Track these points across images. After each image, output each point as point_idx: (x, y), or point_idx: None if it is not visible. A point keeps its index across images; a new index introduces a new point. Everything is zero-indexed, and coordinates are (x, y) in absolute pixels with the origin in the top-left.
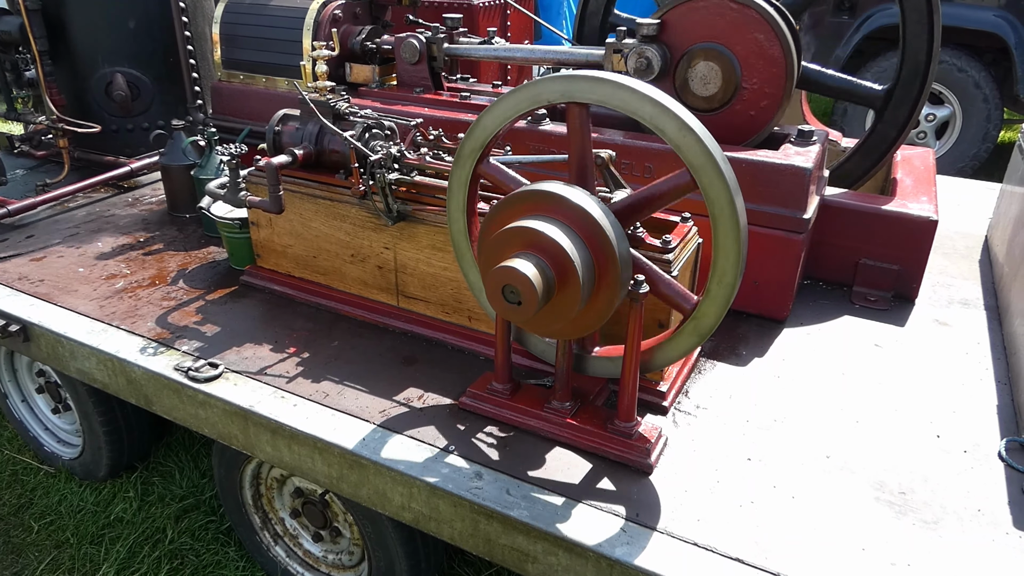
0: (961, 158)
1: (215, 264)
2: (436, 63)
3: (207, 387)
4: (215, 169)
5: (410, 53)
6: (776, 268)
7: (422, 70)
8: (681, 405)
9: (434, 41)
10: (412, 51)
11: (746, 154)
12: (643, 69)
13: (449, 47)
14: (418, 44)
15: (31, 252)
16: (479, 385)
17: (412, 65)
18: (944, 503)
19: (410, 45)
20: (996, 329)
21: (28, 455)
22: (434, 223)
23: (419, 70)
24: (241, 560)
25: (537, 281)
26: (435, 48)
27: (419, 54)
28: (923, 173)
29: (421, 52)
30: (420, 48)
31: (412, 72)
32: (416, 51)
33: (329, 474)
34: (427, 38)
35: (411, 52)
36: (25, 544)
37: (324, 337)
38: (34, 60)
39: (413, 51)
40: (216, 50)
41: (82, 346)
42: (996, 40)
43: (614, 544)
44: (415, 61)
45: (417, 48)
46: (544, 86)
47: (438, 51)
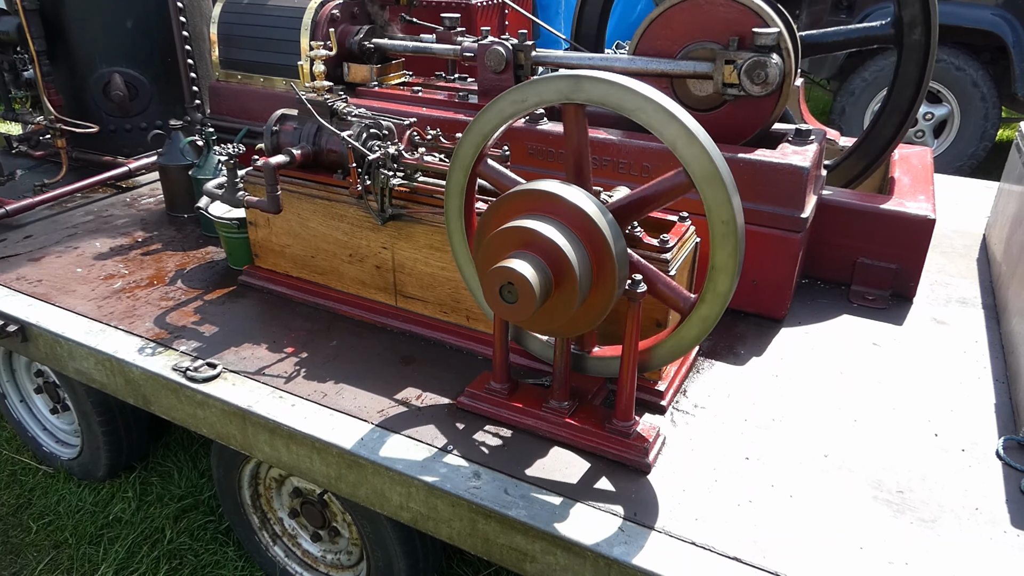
0: (959, 157)
1: (213, 264)
2: (522, 72)
3: (205, 387)
4: (213, 169)
5: (496, 61)
6: (774, 267)
7: (507, 79)
8: (679, 404)
9: (521, 48)
10: (498, 59)
11: (744, 153)
12: (761, 82)
13: (537, 55)
14: (505, 52)
15: (29, 252)
16: (477, 385)
17: (496, 74)
18: (942, 502)
19: (496, 53)
20: (994, 327)
21: (27, 455)
22: (432, 223)
23: (504, 79)
24: (240, 560)
25: (534, 280)
26: (522, 56)
27: (505, 62)
28: (921, 172)
29: (508, 60)
30: (507, 56)
31: (495, 81)
32: (503, 59)
33: (327, 474)
34: (514, 46)
35: (497, 60)
36: (24, 544)
37: (322, 337)
38: (32, 60)
39: (499, 59)
40: (214, 50)
41: (80, 346)
42: (994, 39)
43: (612, 543)
44: (501, 70)
45: (504, 56)
46: (544, 86)
47: (525, 59)
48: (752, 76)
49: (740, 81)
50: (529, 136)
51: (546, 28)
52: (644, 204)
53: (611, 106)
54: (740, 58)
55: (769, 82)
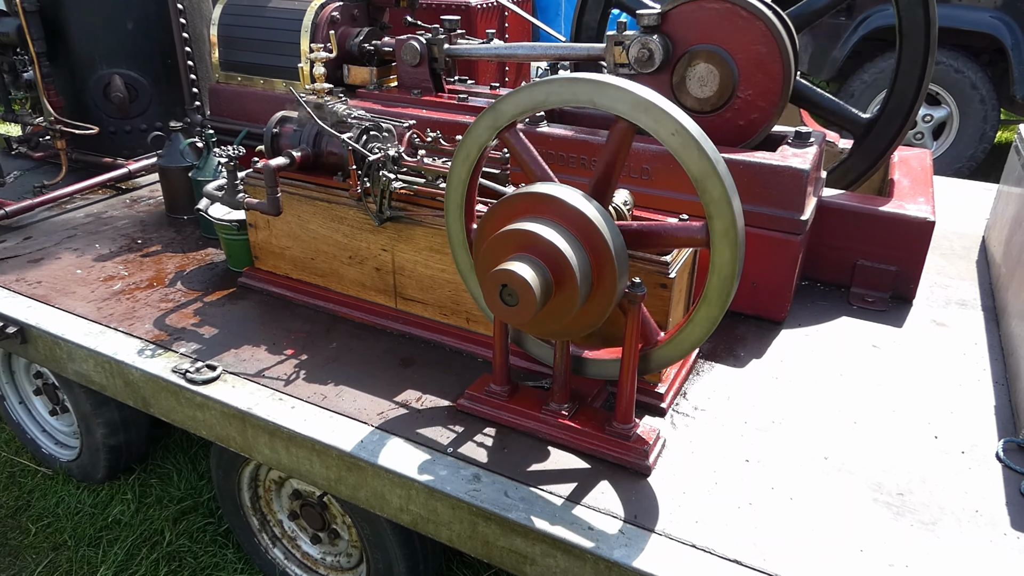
0: (958, 159)
1: (213, 266)
2: (437, 65)
3: (205, 389)
4: (213, 171)
5: (411, 55)
6: (774, 269)
7: (423, 72)
8: (679, 407)
9: (435, 43)
10: (413, 53)
11: (744, 156)
12: (644, 60)
13: (449, 48)
14: (419, 46)
15: (29, 254)
16: (477, 387)
17: (413, 67)
18: (942, 504)
19: (411, 47)
20: (993, 330)
21: (26, 457)
22: (432, 225)
23: (420, 72)
24: (239, 562)
25: (535, 283)
26: (436, 50)
27: (420, 56)
28: (920, 174)
29: (422, 54)
30: (421, 50)
31: (413, 74)
32: (417, 53)
33: (327, 476)
34: (427, 40)
35: (412, 54)
36: (23, 546)
37: (322, 339)
38: (32, 61)
39: (414, 53)
40: (214, 51)
41: (80, 348)
42: (993, 41)
43: (612, 546)
44: (416, 63)
45: (418, 50)
46: (549, 87)
47: (439, 52)
48: (639, 55)
49: (629, 61)
50: (529, 138)
51: (545, 30)
52: (654, 240)
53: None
54: (627, 39)
55: (653, 60)
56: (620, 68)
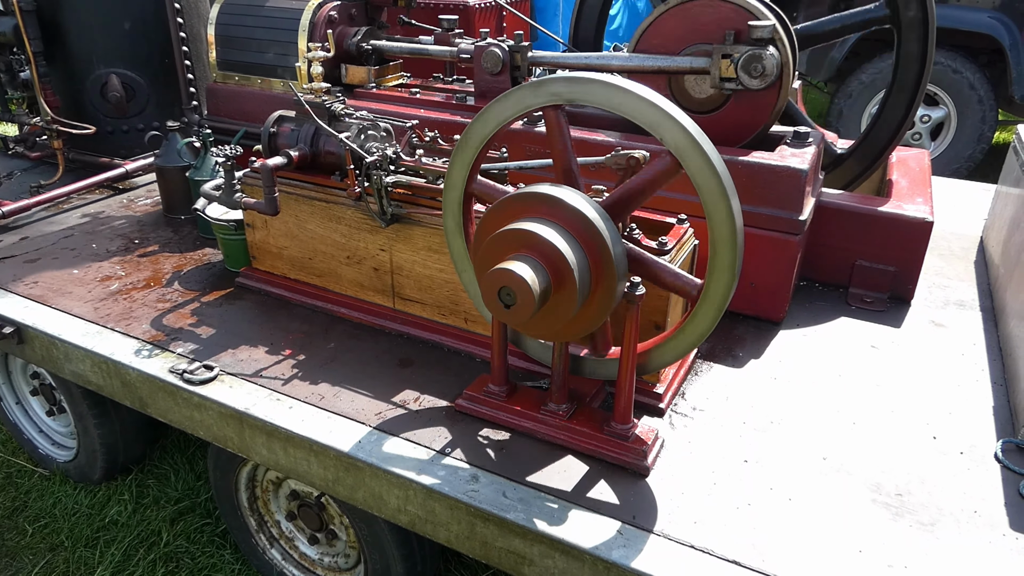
0: (956, 159)
1: (210, 266)
2: (519, 73)
3: (202, 389)
4: (210, 171)
5: (492, 63)
6: (772, 270)
7: (504, 81)
8: (678, 407)
9: (517, 50)
10: (495, 61)
11: (742, 155)
12: (759, 75)
13: (534, 55)
14: (501, 53)
15: (25, 254)
16: (475, 387)
17: (493, 76)
18: (941, 505)
19: (493, 54)
20: (992, 330)
21: (22, 457)
22: (430, 225)
23: (501, 81)
24: (237, 563)
25: (533, 283)
26: (519, 57)
27: (502, 64)
28: (918, 174)
29: (504, 62)
30: (504, 58)
31: (492, 83)
32: (499, 61)
33: (325, 477)
34: (510, 47)
35: (494, 62)
36: (19, 547)
37: (320, 339)
38: (28, 61)
39: (496, 61)
40: (211, 51)
41: (77, 348)
42: (991, 41)
43: (611, 547)
44: (497, 71)
45: (500, 57)
46: (546, 88)
47: (522, 60)
48: (749, 69)
49: (737, 75)
50: (527, 138)
51: (543, 31)
52: (636, 195)
53: (611, 108)
54: (736, 52)
55: (767, 74)
56: (725, 82)
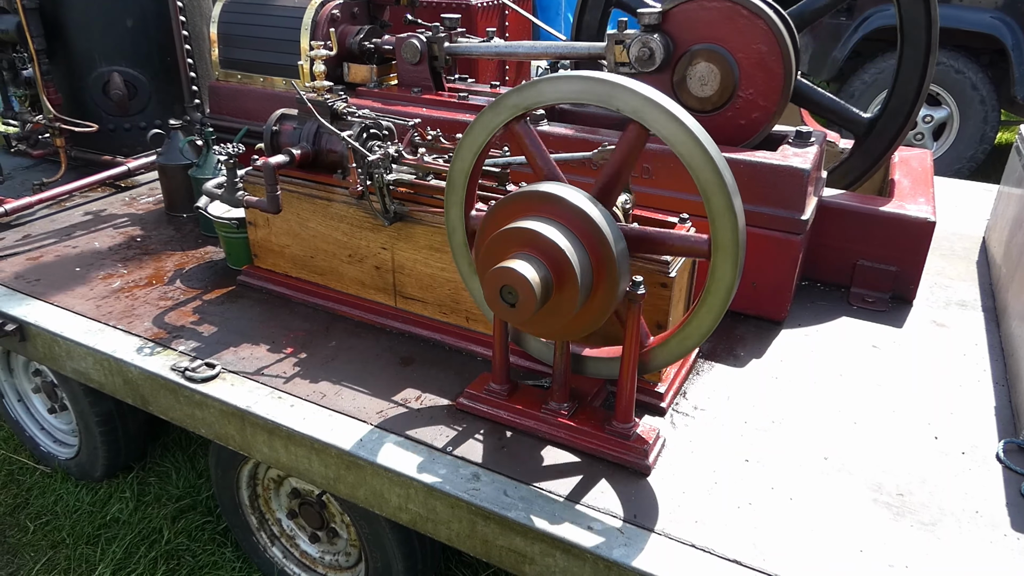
0: (958, 159)
1: (212, 264)
2: (437, 63)
3: (204, 387)
4: (212, 169)
5: (411, 53)
6: (774, 269)
7: (423, 70)
8: (679, 406)
9: (435, 41)
10: (413, 51)
11: (744, 155)
12: (645, 59)
13: (450, 46)
14: (419, 44)
15: (28, 251)
16: (477, 386)
17: (413, 65)
18: (942, 505)
19: (411, 45)
20: (994, 330)
21: (24, 455)
22: (432, 223)
23: (420, 70)
24: (238, 561)
25: (535, 282)
26: (436, 48)
27: (420, 54)
28: (921, 174)
29: (422, 52)
30: (421, 48)
31: (413, 72)
32: (417, 51)
33: (326, 475)
34: (428, 38)
35: (412, 52)
36: (21, 544)
37: (321, 337)
38: (31, 59)
39: (414, 51)
40: (214, 49)
41: (79, 346)
42: (993, 42)
43: (612, 545)
44: (416, 61)
45: (418, 48)
46: (552, 85)
47: (439, 51)
48: (639, 54)
49: (629, 60)
50: None
51: (545, 28)
52: (657, 247)
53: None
54: (627, 38)
55: (654, 58)
56: (621, 67)
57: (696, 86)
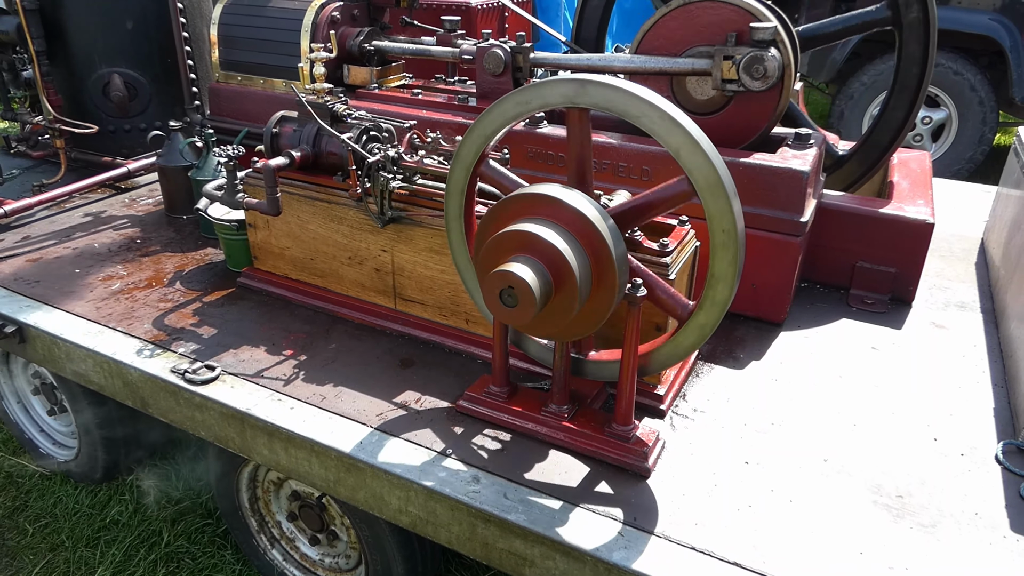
0: (957, 161)
1: (212, 266)
2: (520, 75)
3: (204, 390)
4: (212, 170)
5: (494, 64)
6: (773, 271)
7: (506, 82)
8: (679, 408)
9: (519, 51)
10: (496, 62)
11: (743, 157)
12: (760, 77)
13: (536, 56)
14: (503, 55)
15: (27, 253)
16: (476, 388)
17: (495, 76)
18: (941, 506)
19: (495, 56)
20: (992, 332)
21: (24, 457)
22: (432, 226)
23: (503, 82)
24: (237, 563)
25: (534, 284)
26: (520, 58)
27: (504, 65)
28: (919, 176)
29: (506, 63)
30: (505, 59)
31: (494, 84)
32: (501, 62)
33: (326, 477)
34: (512, 48)
35: (496, 63)
36: (20, 547)
37: (321, 340)
38: (31, 60)
39: (498, 62)
40: (214, 51)
41: (78, 348)
42: (992, 43)
43: (612, 548)
44: (499, 72)
45: (502, 59)
46: (548, 89)
47: (523, 61)
48: (751, 71)
49: (739, 76)
50: (529, 139)
51: (546, 30)
52: (645, 210)
53: (616, 111)
54: (738, 53)
55: (768, 76)
56: (728, 84)
57: (696, 89)
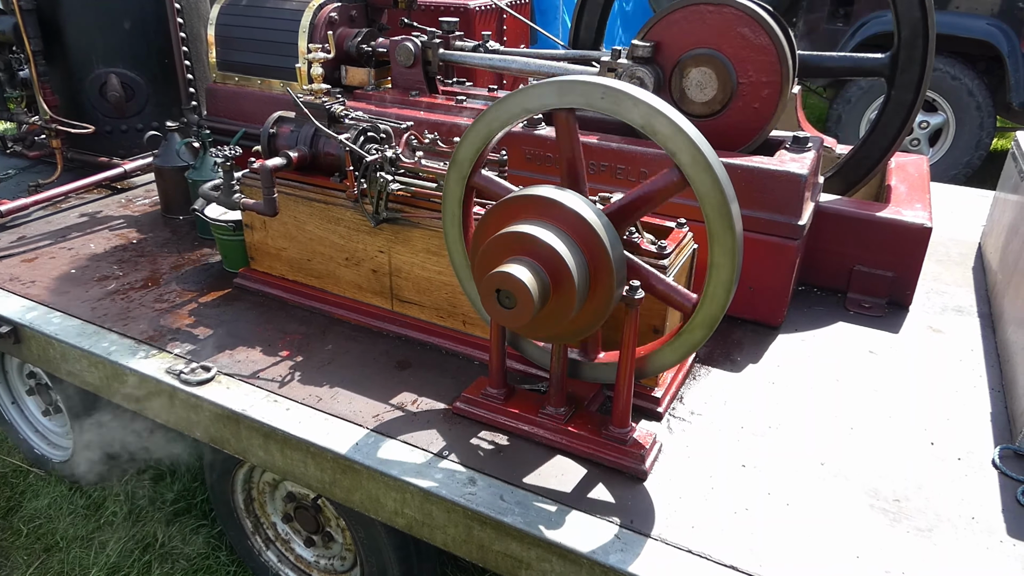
0: (954, 165)
1: (208, 266)
2: (431, 67)
3: (199, 390)
4: (209, 171)
5: (404, 56)
6: (771, 274)
7: (416, 74)
8: (676, 411)
9: (429, 46)
10: (407, 54)
11: (741, 160)
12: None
13: (443, 52)
14: (413, 47)
15: (23, 253)
16: (473, 390)
17: (407, 68)
18: (938, 511)
19: (404, 48)
20: (990, 336)
21: (18, 457)
22: (429, 227)
23: (414, 74)
24: (232, 565)
25: (532, 286)
26: (430, 53)
27: (414, 58)
28: (917, 180)
29: (416, 56)
30: (415, 52)
31: (407, 75)
32: (411, 55)
33: (322, 479)
34: (422, 42)
35: (405, 55)
36: (13, 547)
37: (317, 341)
38: (28, 60)
39: (408, 54)
40: (211, 51)
41: (73, 348)
42: (989, 48)
43: (608, 551)
44: (410, 64)
45: (412, 51)
46: (541, 91)
47: (433, 56)
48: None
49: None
50: (527, 141)
51: (543, 33)
52: (640, 205)
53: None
54: (619, 68)
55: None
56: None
57: (696, 93)
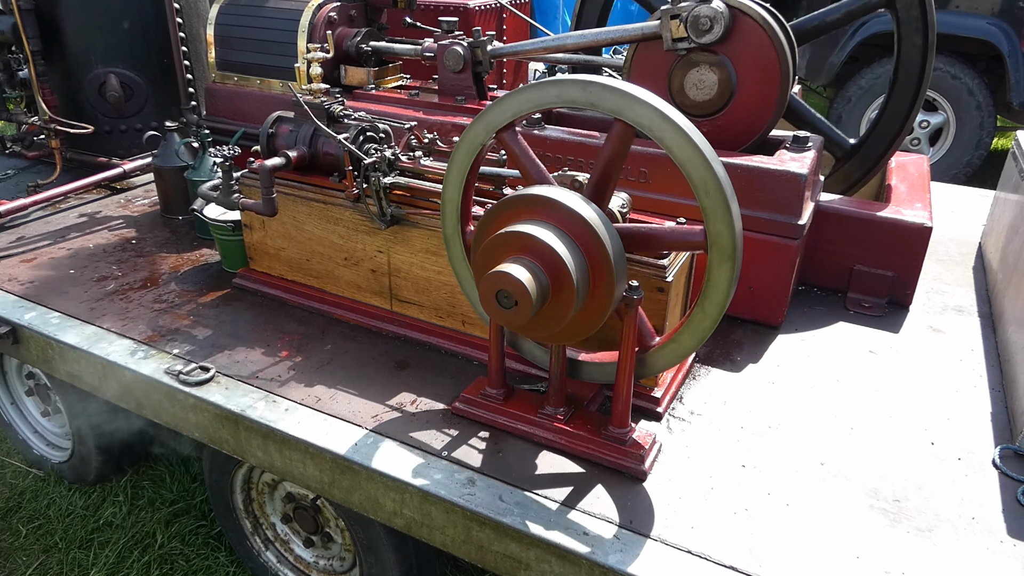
0: (955, 165)
1: (207, 266)
2: (481, 68)
3: (198, 391)
4: (208, 171)
5: (454, 61)
6: (771, 274)
7: (466, 78)
8: (675, 411)
9: (477, 45)
10: (456, 59)
11: (741, 159)
12: (707, 30)
13: (493, 48)
14: (462, 51)
15: (21, 253)
16: (472, 390)
17: (455, 74)
18: (938, 511)
19: (454, 53)
20: (990, 336)
21: (17, 458)
22: (428, 227)
23: (463, 79)
24: (231, 565)
25: (531, 286)
26: (479, 52)
27: (464, 62)
28: (917, 180)
29: (466, 60)
30: (465, 55)
31: (455, 80)
32: (460, 59)
33: (321, 479)
34: (469, 43)
35: (455, 60)
36: (13, 548)
37: (316, 341)
38: (27, 60)
39: (458, 59)
40: (210, 51)
41: (72, 349)
42: (990, 48)
43: (607, 551)
44: (459, 69)
45: (462, 55)
46: (547, 90)
47: (482, 55)
48: (697, 26)
49: (688, 33)
50: (527, 140)
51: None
52: (653, 243)
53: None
54: (683, 10)
55: (715, 28)
56: (678, 43)
57: (694, 91)
